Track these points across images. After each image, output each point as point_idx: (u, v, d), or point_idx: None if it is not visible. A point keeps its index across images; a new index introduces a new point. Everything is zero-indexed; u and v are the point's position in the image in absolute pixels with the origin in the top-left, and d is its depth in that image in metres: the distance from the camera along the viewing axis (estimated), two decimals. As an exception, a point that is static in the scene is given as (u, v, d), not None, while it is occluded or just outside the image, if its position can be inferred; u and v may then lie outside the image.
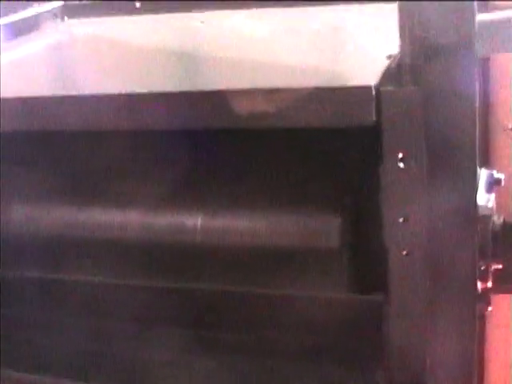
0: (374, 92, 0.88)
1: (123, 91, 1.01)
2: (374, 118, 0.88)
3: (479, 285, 1.10)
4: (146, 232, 1.19)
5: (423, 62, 0.92)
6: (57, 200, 1.23)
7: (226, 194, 1.18)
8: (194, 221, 1.16)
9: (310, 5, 1.42)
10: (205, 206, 1.16)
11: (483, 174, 1.23)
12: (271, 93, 0.90)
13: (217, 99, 0.93)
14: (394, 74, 0.94)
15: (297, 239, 1.11)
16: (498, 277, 1.16)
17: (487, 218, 1.12)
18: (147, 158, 1.20)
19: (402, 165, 0.90)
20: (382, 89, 0.88)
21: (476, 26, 0.95)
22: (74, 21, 1.61)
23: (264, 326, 1.12)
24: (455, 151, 0.94)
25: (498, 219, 1.17)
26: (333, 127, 0.92)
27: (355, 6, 1.38)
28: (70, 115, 1.02)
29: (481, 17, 1.19)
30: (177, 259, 1.18)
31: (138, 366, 1.15)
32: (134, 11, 1.57)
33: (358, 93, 0.88)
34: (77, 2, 1.64)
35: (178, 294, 1.16)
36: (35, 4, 1.62)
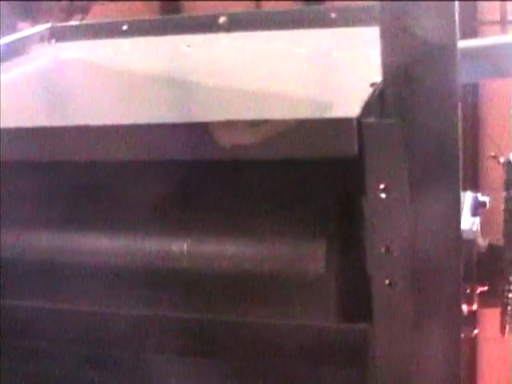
0: (355, 124, 0.88)
1: (109, 120, 1.02)
2: (356, 150, 0.88)
3: (465, 308, 1.11)
4: (133, 258, 1.19)
5: (406, 91, 0.93)
6: (43, 228, 1.23)
7: (213, 220, 1.18)
8: (181, 246, 1.17)
9: (294, 28, 1.42)
10: (192, 232, 1.17)
11: (468, 198, 1.24)
12: (254, 124, 0.91)
13: (200, 131, 0.93)
14: (376, 103, 0.94)
15: (282, 265, 1.11)
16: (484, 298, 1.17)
17: (471, 241, 1.13)
18: (134, 184, 1.20)
19: (383, 195, 0.90)
20: (363, 121, 0.89)
21: (458, 53, 0.96)
22: (62, 44, 1.61)
23: (251, 353, 1.12)
24: (438, 178, 0.95)
25: (483, 242, 1.18)
26: (315, 160, 0.93)
27: (342, 30, 1.39)
28: (65, 145, 1.03)
29: (466, 43, 1.21)
30: (163, 285, 1.18)
31: None
32: (120, 34, 1.57)
33: (339, 125, 0.89)
34: (64, 25, 1.65)
35: (168, 320, 1.16)
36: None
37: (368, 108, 0.92)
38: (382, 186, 0.90)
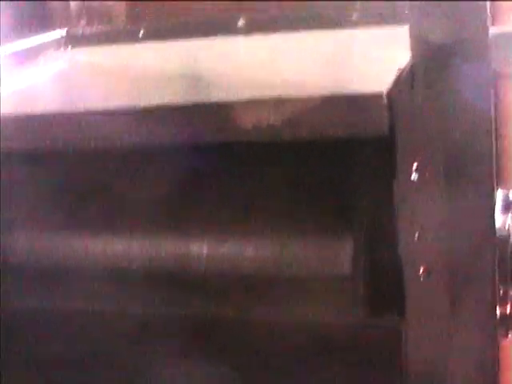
0: (385, 99, 0.84)
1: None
2: (386, 127, 0.84)
3: (498, 310, 1.06)
4: (150, 259, 1.15)
5: (436, 71, 0.89)
6: (54, 228, 1.19)
7: (232, 220, 1.14)
8: (200, 248, 1.13)
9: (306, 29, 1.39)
10: (210, 233, 1.13)
11: (499, 195, 1.19)
12: (278, 103, 0.87)
13: (221, 111, 0.89)
14: (406, 82, 0.90)
15: (305, 268, 1.07)
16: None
17: (505, 239, 1.08)
18: (149, 182, 1.16)
19: (416, 176, 0.86)
20: (393, 95, 0.84)
21: (489, 34, 0.93)
22: (78, 50, 1.58)
23: (274, 354, 1.07)
24: (471, 164, 0.91)
25: (514, 241, 1.13)
26: (341, 140, 0.88)
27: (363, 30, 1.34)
28: (71, 132, 1.00)
29: (500, 29, 1.17)
30: (182, 287, 1.14)
31: None
32: (137, 39, 1.55)
33: (368, 100, 0.84)
34: (80, 31, 1.62)
35: (181, 321, 1.12)
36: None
37: (397, 86, 0.88)
38: (414, 166, 0.85)
